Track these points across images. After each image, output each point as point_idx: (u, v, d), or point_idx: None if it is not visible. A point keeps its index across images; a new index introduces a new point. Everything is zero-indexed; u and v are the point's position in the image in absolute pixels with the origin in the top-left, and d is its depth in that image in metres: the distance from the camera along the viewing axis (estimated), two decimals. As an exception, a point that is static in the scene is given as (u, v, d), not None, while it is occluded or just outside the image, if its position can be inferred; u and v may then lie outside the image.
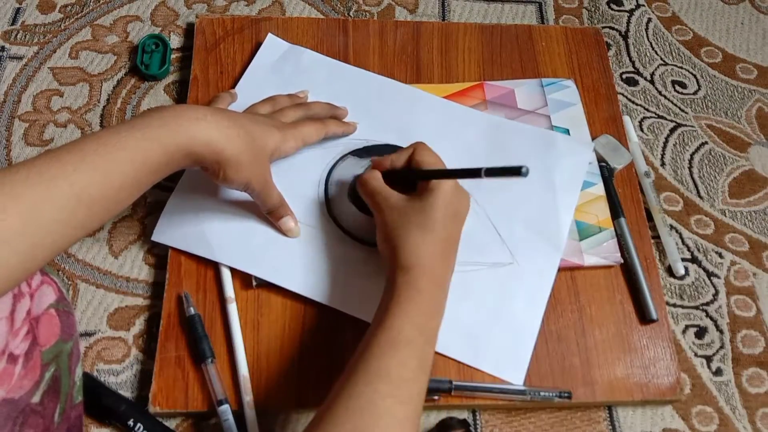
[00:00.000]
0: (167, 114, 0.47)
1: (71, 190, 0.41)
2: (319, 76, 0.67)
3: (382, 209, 0.52)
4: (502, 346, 0.56)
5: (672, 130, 0.71)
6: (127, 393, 0.55)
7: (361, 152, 0.63)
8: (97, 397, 0.53)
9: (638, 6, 0.80)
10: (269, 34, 0.69)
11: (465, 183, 0.54)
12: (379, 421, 0.41)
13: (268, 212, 0.57)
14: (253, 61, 0.67)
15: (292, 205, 0.58)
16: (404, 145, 0.58)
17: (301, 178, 0.61)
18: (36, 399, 0.42)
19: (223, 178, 0.51)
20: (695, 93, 0.74)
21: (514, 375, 0.55)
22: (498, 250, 0.59)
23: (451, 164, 0.56)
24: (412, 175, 0.53)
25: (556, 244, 0.60)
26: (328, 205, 0.60)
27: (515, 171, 0.44)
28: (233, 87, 0.66)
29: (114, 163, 0.43)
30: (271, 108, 0.60)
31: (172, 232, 0.59)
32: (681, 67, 0.76)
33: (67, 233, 0.41)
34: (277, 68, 0.67)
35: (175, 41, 0.72)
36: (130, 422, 0.52)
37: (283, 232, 0.58)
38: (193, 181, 0.60)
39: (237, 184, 0.52)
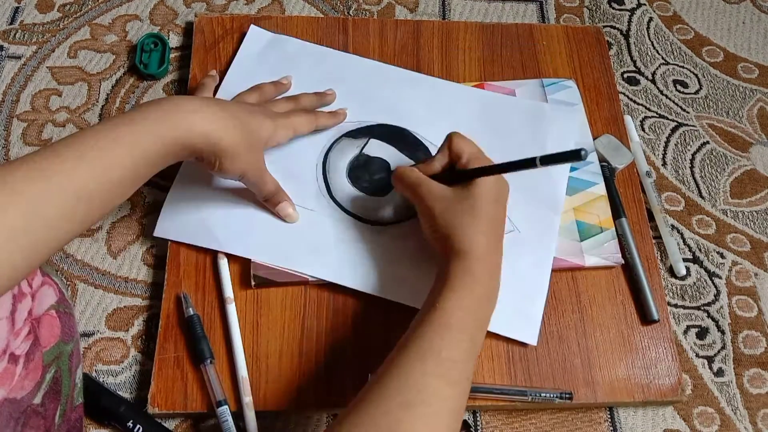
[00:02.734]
0: (165, 107, 0.47)
1: (71, 186, 0.41)
2: (306, 62, 0.67)
3: (426, 200, 0.52)
4: (513, 309, 0.56)
5: (673, 130, 0.71)
6: (125, 394, 0.55)
7: (354, 133, 0.64)
8: (96, 398, 0.53)
9: (639, 5, 0.80)
10: (252, 26, 0.69)
11: None
12: (427, 398, 0.41)
13: (265, 200, 0.58)
14: (239, 52, 0.67)
15: (289, 190, 0.58)
16: (396, 124, 0.64)
17: (297, 163, 0.61)
18: (37, 400, 0.42)
19: (219, 168, 0.51)
20: (696, 92, 0.74)
21: (527, 335, 0.56)
22: None
23: (438, 137, 0.60)
24: (466, 175, 0.52)
25: (553, 208, 0.61)
26: (327, 188, 0.61)
27: (574, 155, 0.43)
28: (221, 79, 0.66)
29: (113, 157, 0.43)
30: (259, 97, 0.60)
31: (173, 226, 0.59)
32: (682, 67, 0.75)
33: (68, 228, 0.41)
34: (263, 58, 0.67)
35: (174, 40, 0.72)
36: (130, 423, 0.52)
37: (281, 218, 0.58)
38: (190, 175, 0.60)
39: (233, 174, 0.52)
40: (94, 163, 0.42)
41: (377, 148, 0.63)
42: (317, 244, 0.58)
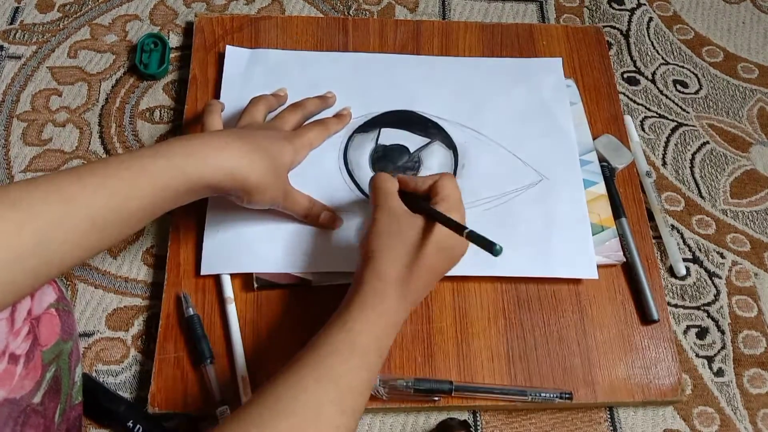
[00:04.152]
0: (193, 143, 0.47)
1: (87, 213, 0.40)
2: (293, 69, 0.67)
3: (379, 207, 0.50)
4: (565, 250, 0.59)
5: (673, 130, 0.71)
6: (125, 394, 0.55)
7: (364, 127, 0.64)
8: (96, 398, 0.53)
9: (639, 5, 0.80)
10: (227, 46, 0.68)
11: (480, 121, 0.65)
12: (319, 425, 0.40)
13: (304, 217, 0.57)
14: (224, 75, 0.66)
15: (322, 200, 0.59)
16: (399, 108, 0.65)
17: (319, 173, 0.61)
18: (37, 399, 0.42)
19: (248, 201, 0.51)
20: (696, 92, 0.74)
21: (587, 271, 0.59)
22: (524, 173, 0.63)
23: (443, 110, 0.65)
24: (415, 203, 0.51)
25: (569, 150, 0.64)
26: (357, 187, 0.61)
27: (490, 246, 0.43)
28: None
29: (134, 188, 0.43)
30: (265, 108, 0.59)
31: (220, 261, 0.57)
32: (682, 67, 0.75)
33: (76, 254, 0.41)
34: (248, 76, 0.66)
35: (174, 40, 0.72)
36: (130, 423, 0.52)
37: (326, 227, 0.58)
38: (220, 205, 0.59)
39: (263, 205, 0.52)
40: (114, 192, 0.42)
41: (391, 136, 0.64)
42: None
